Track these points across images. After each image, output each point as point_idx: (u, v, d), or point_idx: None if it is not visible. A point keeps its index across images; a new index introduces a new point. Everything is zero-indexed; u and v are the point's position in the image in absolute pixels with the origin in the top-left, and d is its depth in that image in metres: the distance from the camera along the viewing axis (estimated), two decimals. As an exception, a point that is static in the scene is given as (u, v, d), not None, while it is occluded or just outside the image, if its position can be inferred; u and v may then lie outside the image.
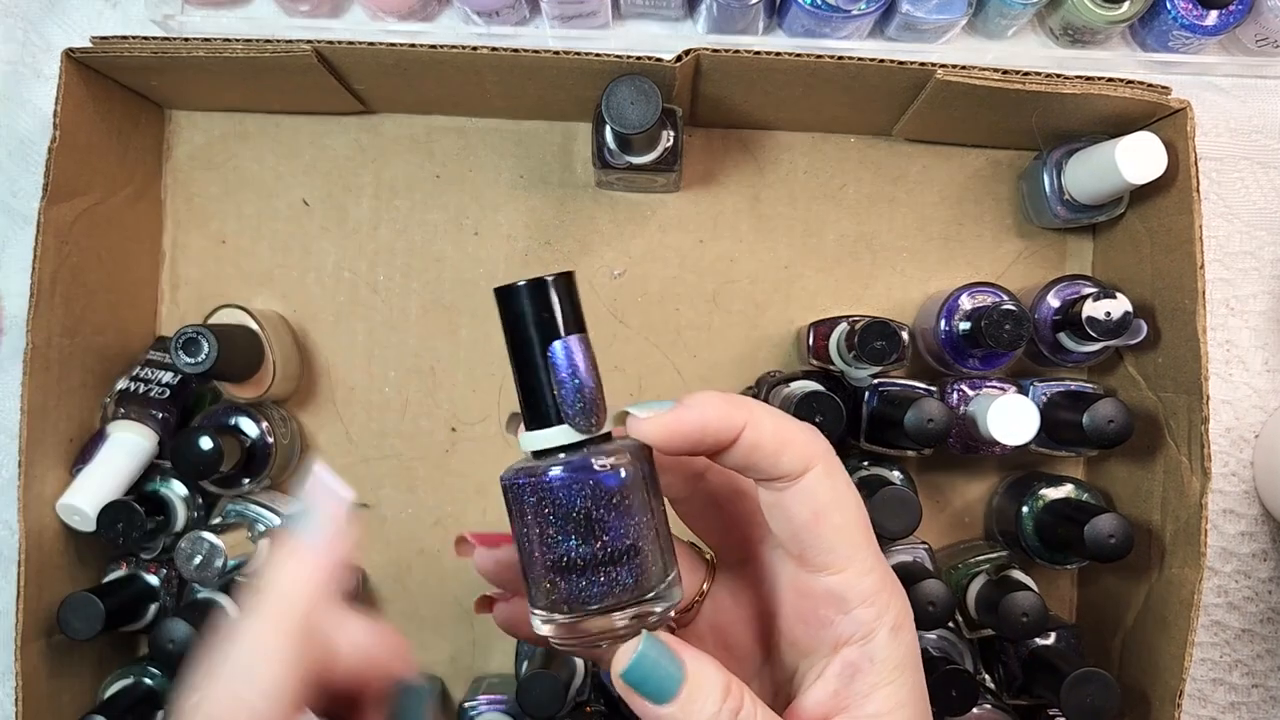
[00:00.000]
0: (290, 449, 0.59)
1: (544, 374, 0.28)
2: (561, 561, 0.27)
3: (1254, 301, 0.62)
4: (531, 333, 0.28)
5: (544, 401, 0.28)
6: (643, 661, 0.27)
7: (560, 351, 0.28)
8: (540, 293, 0.28)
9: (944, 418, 0.51)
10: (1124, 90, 0.51)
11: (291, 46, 0.51)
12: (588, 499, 0.27)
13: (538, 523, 0.28)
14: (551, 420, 0.28)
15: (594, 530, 0.27)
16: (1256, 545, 0.62)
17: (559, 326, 0.28)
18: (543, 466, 0.28)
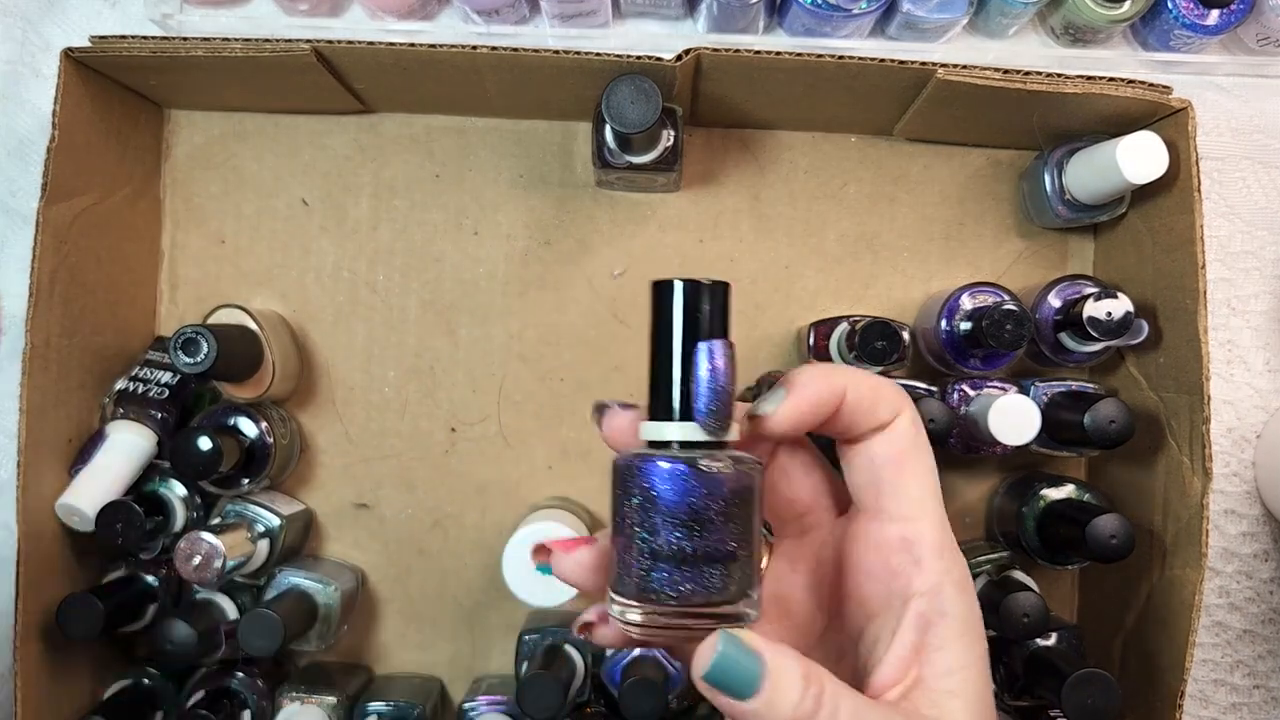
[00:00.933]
0: (290, 449, 0.59)
1: (686, 369, 0.29)
2: (662, 550, 0.28)
3: (1255, 301, 0.62)
4: (684, 328, 0.29)
5: (678, 396, 0.29)
6: (723, 661, 0.28)
7: (707, 350, 0.29)
8: (700, 292, 0.29)
9: (945, 418, 0.51)
10: (1125, 90, 0.51)
11: (291, 46, 0.51)
12: (702, 496, 0.28)
13: (647, 508, 0.28)
14: (680, 416, 0.29)
15: (699, 527, 0.28)
16: (1258, 545, 0.62)
17: (712, 328, 0.29)
18: (665, 456, 0.29)
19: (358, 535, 0.62)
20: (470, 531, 0.62)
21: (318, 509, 0.62)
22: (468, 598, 0.62)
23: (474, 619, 0.62)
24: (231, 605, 0.56)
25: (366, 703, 0.56)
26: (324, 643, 0.57)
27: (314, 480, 0.62)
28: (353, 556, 0.62)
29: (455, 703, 0.61)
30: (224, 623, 0.54)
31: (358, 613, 0.61)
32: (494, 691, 0.57)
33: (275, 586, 0.57)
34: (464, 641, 0.62)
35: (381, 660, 0.62)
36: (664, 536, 0.28)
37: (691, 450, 0.29)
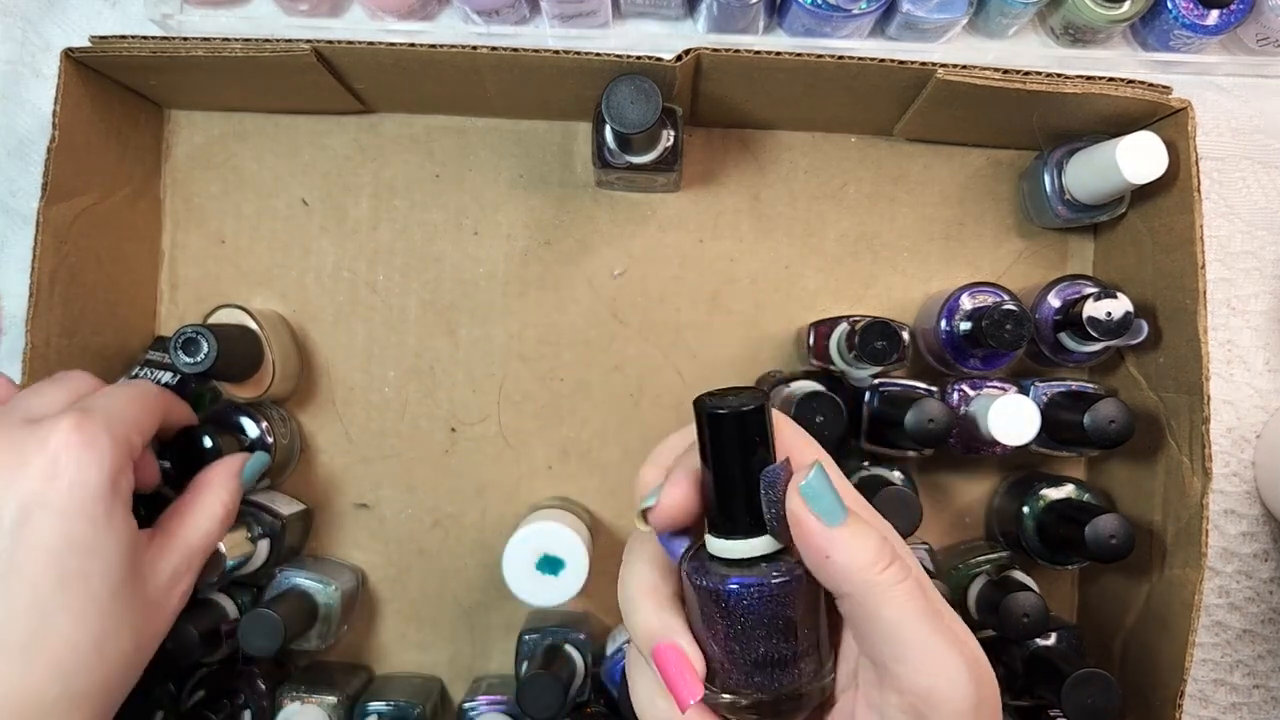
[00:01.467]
0: (290, 449, 0.59)
1: (753, 492, 0.31)
2: (765, 658, 0.30)
3: (1255, 301, 0.62)
4: (745, 454, 0.31)
5: (748, 514, 0.31)
6: (817, 482, 0.29)
7: (773, 475, 0.31)
8: (757, 419, 0.31)
9: (945, 418, 0.51)
10: (1125, 90, 0.51)
11: (291, 46, 0.51)
12: (790, 605, 0.30)
13: (746, 624, 0.30)
14: (751, 531, 0.31)
15: (794, 631, 0.30)
16: (1258, 545, 0.62)
17: (772, 451, 0.31)
18: (755, 574, 0.31)
19: (358, 535, 0.62)
20: (470, 531, 0.62)
21: (318, 509, 0.62)
22: (468, 598, 0.62)
23: (474, 619, 0.62)
24: (232, 605, 0.56)
25: (367, 702, 0.56)
26: (324, 642, 0.57)
27: (314, 480, 0.62)
28: (353, 556, 0.62)
29: (455, 702, 0.61)
30: (224, 622, 0.54)
31: (358, 613, 0.61)
32: (494, 691, 0.57)
33: (275, 586, 0.57)
34: (464, 641, 0.62)
35: (381, 660, 0.62)
36: (761, 648, 0.30)
37: (776, 560, 0.31)
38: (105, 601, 0.42)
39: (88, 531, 0.41)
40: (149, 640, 0.45)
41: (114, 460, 0.42)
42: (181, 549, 0.47)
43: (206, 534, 0.48)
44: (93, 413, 0.43)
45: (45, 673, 0.40)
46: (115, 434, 0.43)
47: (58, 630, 0.40)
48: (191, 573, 0.47)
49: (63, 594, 0.40)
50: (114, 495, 0.42)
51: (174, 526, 0.47)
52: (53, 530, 0.40)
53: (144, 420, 0.46)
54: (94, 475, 0.41)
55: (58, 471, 0.41)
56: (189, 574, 0.47)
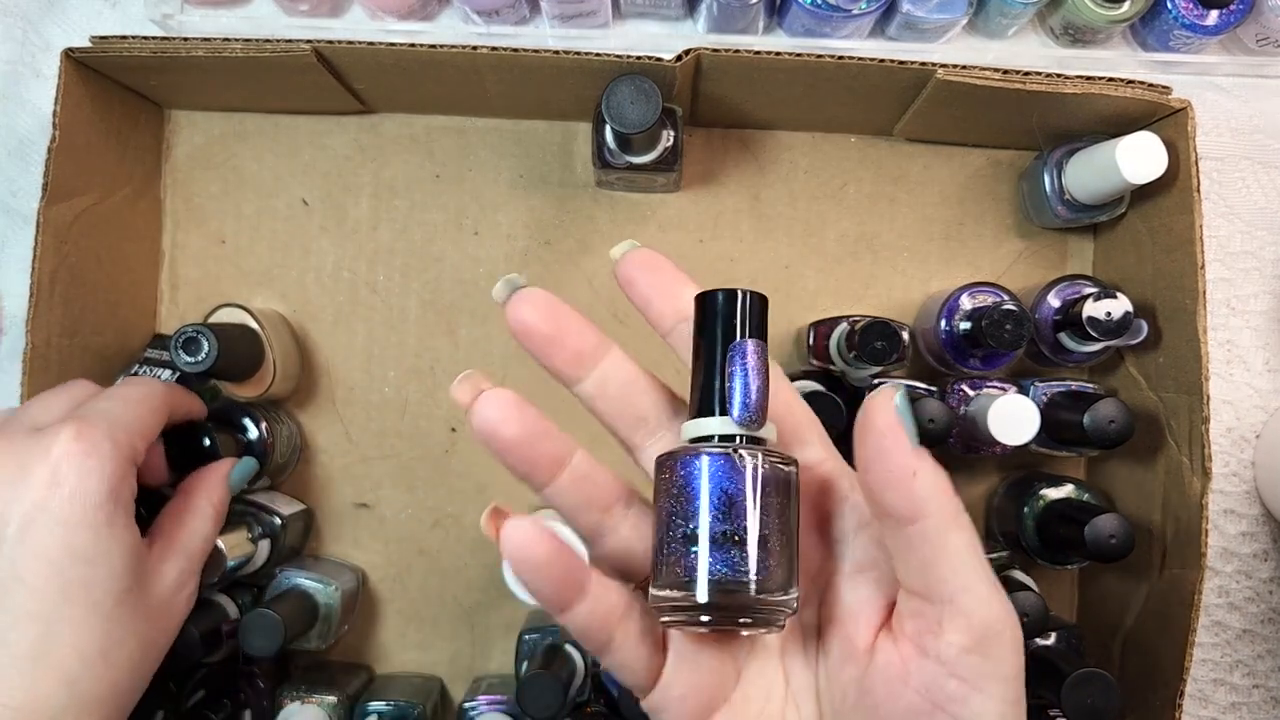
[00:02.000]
0: (290, 449, 0.59)
1: (722, 368, 0.31)
2: (697, 533, 0.29)
3: (1255, 301, 0.62)
4: (720, 329, 0.31)
5: (714, 393, 0.31)
6: (904, 402, 0.28)
7: (740, 349, 0.30)
8: (735, 299, 0.31)
9: (945, 418, 0.51)
10: (1125, 90, 0.51)
11: (291, 46, 0.51)
12: (737, 482, 0.29)
13: (683, 496, 0.30)
14: (718, 412, 0.30)
15: (733, 510, 0.29)
16: (1257, 545, 0.62)
17: (746, 329, 0.31)
18: (701, 447, 0.30)
19: (358, 535, 0.62)
20: (470, 531, 0.62)
21: (318, 509, 0.62)
22: (468, 597, 0.62)
23: (474, 618, 0.62)
24: (232, 605, 0.56)
25: (367, 702, 0.56)
26: (324, 642, 0.57)
27: (314, 480, 0.62)
28: (353, 556, 0.62)
29: (455, 702, 0.61)
30: (225, 623, 0.54)
31: (358, 612, 0.61)
32: (494, 691, 0.57)
33: (276, 586, 0.57)
34: (464, 641, 0.62)
35: (382, 660, 0.62)
36: (699, 519, 0.29)
37: (729, 442, 0.30)
38: (110, 609, 0.42)
39: (90, 540, 0.41)
40: (156, 646, 0.45)
41: (115, 467, 0.42)
42: (182, 553, 0.47)
43: (203, 537, 0.48)
44: (94, 420, 0.43)
45: (52, 682, 0.40)
46: (117, 440, 0.43)
47: (63, 639, 0.40)
48: (195, 576, 0.48)
49: (67, 604, 0.41)
50: (115, 503, 0.42)
51: (173, 531, 0.47)
52: (55, 540, 0.40)
53: (147, 422, 0.46)
54: (95, 483, 0.41)
55: (59, 480, 0.41)
56: (193, 578, 0.47)
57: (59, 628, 0.40)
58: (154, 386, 0.49)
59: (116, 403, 0.45)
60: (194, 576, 0.47)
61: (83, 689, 0.41)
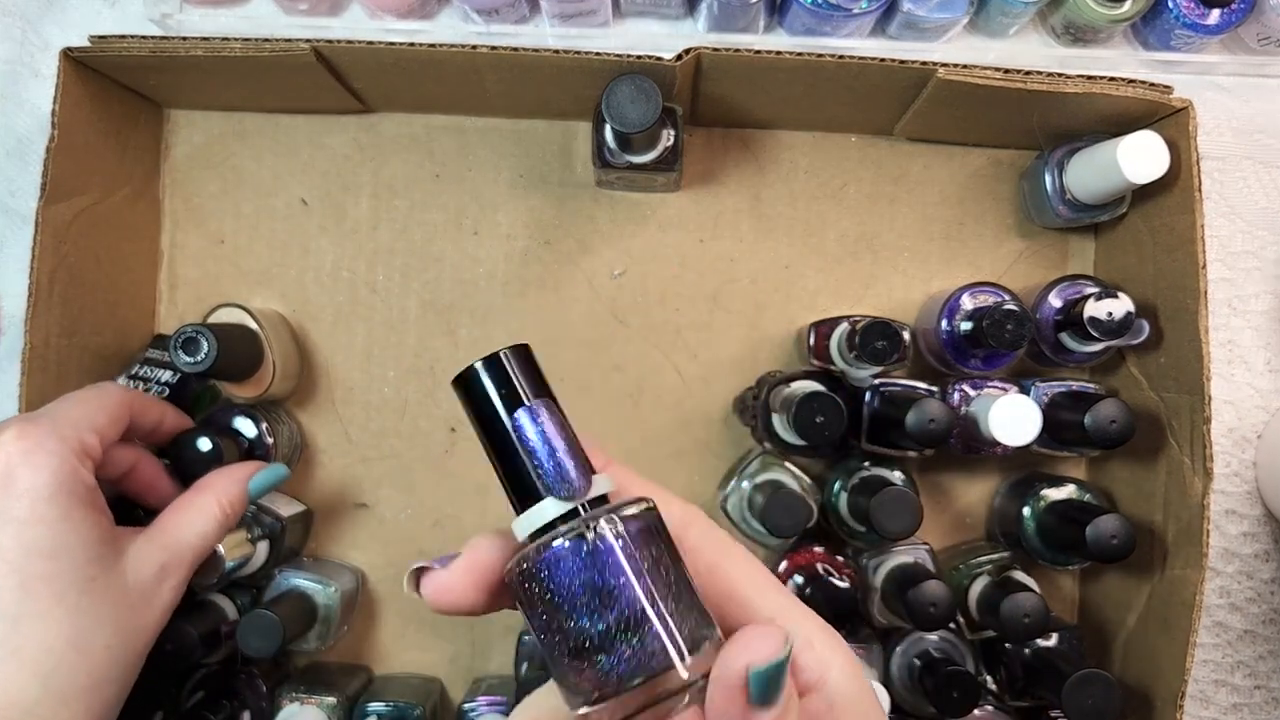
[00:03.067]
0: (290, 450, 0.59)
1: (516, 448, 0.27)
2: (581, 644, 0.25)
3: (1256, 301, 0.62)
4: (495, 410, 0.27)
5: (524, 478, 0.27)
6: (775, 671, 0.24)
7: (525, 419, 0.27)
8: (494, 368, 0.27)
9: (945, 418, 0.51)
10: (1126, 89, 0.51)
11: (290, 45, 0.51)
12: (590, 569, 0.25)
13: (549, 610, 0.26)
14: (535, 496, 0.27)
15: (602, 601, 0.25)
16: (1259, 546, 0.62)
17: (520, 396, 0.27)
18: (538, 546, 0.26)
19: (357, 536, 0.62)
20: (470, 532, 0.61)
21: (317, 509, 0.62)
22: (467, 598, 0.61)
23: (473, 620, 0.62)
24: (231, 606, 0.55)
25: (366, 703, 0.56)
26: (324, 643, 0.57)
27: (314, 480, 0.62)
28: (352, 557, 0.62)
29: (455, 703, 0.61)
30: (224, 624, 0.54)
31: (357, 613, 0.61)
32: (493, 692, 0.57)
33: (275, 587, 0.57)
34: (463, 642, 0.62)
35: (381, 661, 0.62)
36: (575, 628, 0.25)
37: (565, 523, 0.26)
38: (76, 600, 0.42)
39: (44, 535, 0.41)
40: (136, 634, 0.45)
41: (62, 461, 0.42)
42: (169, 546, 0.46)
43: (200, 534, 0.48)
44: (38, 418, 0.43)
45: (22, 677, 0.40)
46: (63, 435, 0.43)
47: (28, 635, 0.41)
48: (183, 570, 0.47)
49: (28, 599, 0.41)
50: (67, 496, 0.42)
51: (165, 522, 0.47)
52: (9, 538, 0.41)
53: (97, 418, 0.46)
54: (44, 478, 0.41)
55: (7, 480, 0.41)
56: (179, 571, 0.47)
57: (25, 624, 0.41)
58: (110, 386, 0.49)
59: (65, 401, 0.46)
60: (181, 570, 0.47)
61: (57, 682, 0.41)
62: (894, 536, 0.50)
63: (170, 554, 0.46)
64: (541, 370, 0.28)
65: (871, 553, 0.56)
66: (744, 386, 0.61)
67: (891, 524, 0.50)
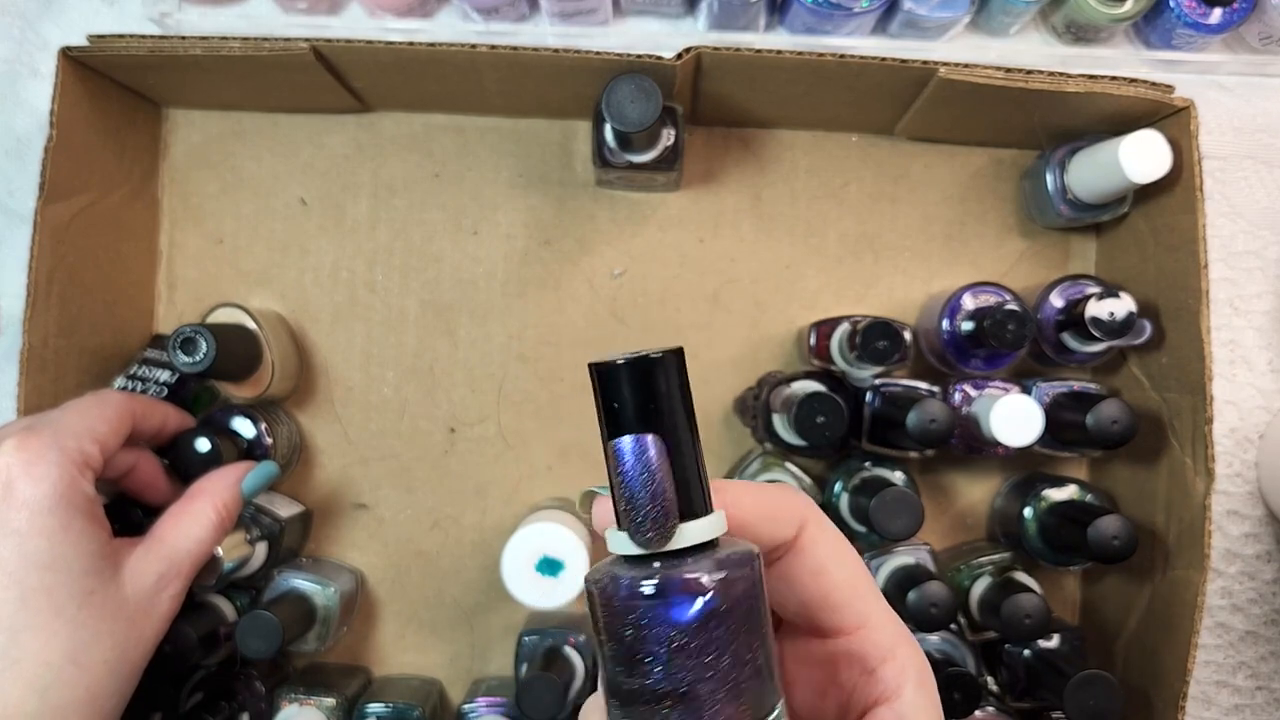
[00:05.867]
0: (290, 451, 0.59)
1: (612, 465, 0.24)
2: (618, 686, 0.23)
3: (1258, 301, 0.62)
4: (609, 419, 0.24)
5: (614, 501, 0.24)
6: None
7: (628, 449, 0.23)
8: (627, 373, 0.23)
9: (946, 418, 0.51)
10: (1127, 89, 0.51)
11: (289, 45, 0.51)
12: (642, 626, 0.23)
13: (597, 634, 0.24)
14: (620, 523, 0.24)
15: (640, 663, 0.23)
16: (1261, 547, 0.61)
17: (634, 421, 0.23)
18: (612, 576, 0.23)
19: (356, 536, 0.62)
20: (469, 532, 0.61)
21: (316, 510, 0.61)
22: (467, 599, 0.61)
23: (473, 620, 0.61)
24: (230, 607, 0.55)
25: (365, 704, 0.56)
26: (323, 644, 0.57)
27: (313, 481, 0.61)
28: (351, 558, 0.62)
29: (454, 704, 0.61)
30: (222, 625, 0.54)
31: (357, 614, 0.61)
32: (493, 693, 0.57)
33: (274, 588, 0.57)
34: (463, 643, 0.61)
35: (380, 662, 0.62)
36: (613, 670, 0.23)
37: (640, 566, 0.23)
38: (74, 613, 0.42)
39: (44, 547, 0.41)
40: (136, 646, 0.45)
41: (62, 472, 0.42)
42: (167, 555, 0.46)
43: (197, 540, 0.48)
44: (37, 429, 0.43)
45: (20, 690, 0.40)
46: (63, 446, 0.43)
47: (26, 647, 0.40)
48: (181, 578, 0.47)
49: (26, 612, 0.41)
50: (67, 508, 0.42)
51: (161, 531, 0.47)
52: (9, 550, 0.41)
53: (99, 428, 0.45)
54: (43, 489, 0.41)
55: (6, 492, 0.41)
56: (177, 580, 0.47)
57: (23, 636, 0.40)
58: (111, 394, 0.49)
59: (63, 412, 0.46)
60: (179, 578, 0.47)
61: (55, 695, 0.41)
62: (895, 537, 0.50)
63: (168, 564, 0.46)
64: (687, 383, 0.24)
65: (873, 553, 0.56)
66: (744, 386, 0.61)
67: (892, 525, 0.50)
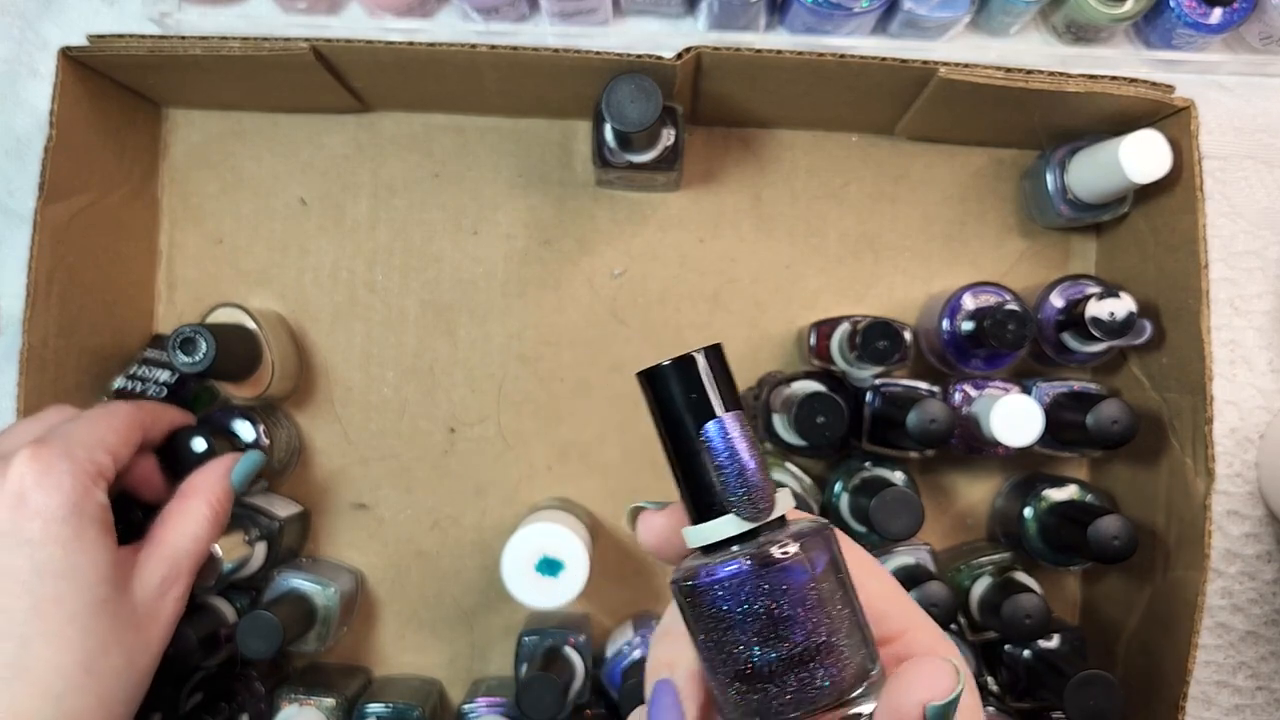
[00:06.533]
0: (288, 452, 0.59)
1: (699, 461, 0.25)
2: (746, 669, 0.25)
3: (1258, 301, 0.62)
4: (683, 415, 0.26)
5: (707, 490, 0.25)
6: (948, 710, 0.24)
7: (715, 432, 0.25)
8: (688, 370, 0.26)
9: (946, 418, 0.51)
10: (1127, 89, 0.51)
11: (289, 44, 0.51)
12: (770, 596, 0.24)
13: (716, 628, 0.25)
14: (716, 510, 0.25)
15: (779, 631, 0.24)
16: (1261, 547, 0.61)
17: (712, 405, 0.25)
18: (715, 563, 0.25)
19: (356, 536, 0.61)
20: (469, 532, 0.61)
21: (316, 510, 0.61)
22: (467, 599, 0.61)
23: (473, 620, 0.61)
24: (229, 608, 0.55)
25: (365, 704, 0.56)
26: (323, 644, 0.57)
27: (312, 481, 0.61)
28: (351, 558, 0.62)
29: (454, 704, 0.61)
30: (222, 626, 0.54)
31: (356, 614, 0.61)
32: (493, 693, 0.57)
33: (273, 589, 0.57)
34: (463, 643, 0.61)
35: (380, 662, 0.62)
36: (745, 653, 0.25)
37: (746, 543, 0.25)
38: (86, 621, 0.42)
39: (58, 556, 0.41)
40: (144, 652, 0.45)
41: (75, 482, 0.42)
42: (168, 557, 0.46)
43: (194, 538, 0.48)
44: (51, 440, 0.43)
45: (32, 698, 0.40)
46: (75, 457, 0.43)
47: (39, 656, 0.41)
48: (183, 579, 0.47)
49: (39, 620, 0.41)
50: (80, 517, 0.42)
51: (159, 534, 0.47)
52: (22, 559, 0.41)
53: (110, 439, 0.46)
54: (56, 500, 0.42)
55: (20, 502, 0.41)
56: (180, 581, 0.47)
57: (35, 644, 0.41)
58: (121, 405, 0.49)
59: (77, 423, 0.46)
60: (181, 579, 0.47)
61: (68, 703, 0.41)
62: (895, 537, 0.50)
63: (169, 565, 0.46)
64: (732, 375, 0.26)
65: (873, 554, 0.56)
66: (744, 386, 0.61)
67: (893, 525, 0.50)
